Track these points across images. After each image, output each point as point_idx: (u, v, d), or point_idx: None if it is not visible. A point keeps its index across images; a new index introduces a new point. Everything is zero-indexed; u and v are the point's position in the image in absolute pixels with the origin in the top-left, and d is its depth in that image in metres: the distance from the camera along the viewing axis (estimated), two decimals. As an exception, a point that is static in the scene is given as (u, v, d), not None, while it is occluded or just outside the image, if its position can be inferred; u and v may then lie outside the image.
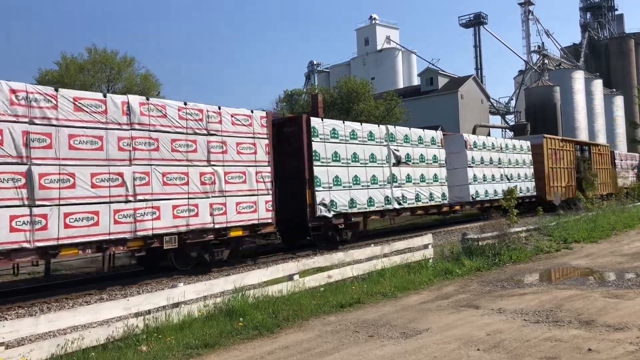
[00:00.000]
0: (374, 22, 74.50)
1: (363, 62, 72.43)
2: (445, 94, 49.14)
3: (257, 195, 14.66)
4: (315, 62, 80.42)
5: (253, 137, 14.81)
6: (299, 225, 16.92)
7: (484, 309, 8.62)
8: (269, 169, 15.11)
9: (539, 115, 52.70)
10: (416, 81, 64.14)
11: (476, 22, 67.85)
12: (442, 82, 50.86)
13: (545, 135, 31.56)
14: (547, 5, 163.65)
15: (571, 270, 12.29)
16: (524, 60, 67.69)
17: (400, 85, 67.20)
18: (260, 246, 18.85)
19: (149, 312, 7.97)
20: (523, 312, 8.26)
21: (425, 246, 13.34)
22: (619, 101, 68.15)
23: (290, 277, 10.06)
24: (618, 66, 75.61)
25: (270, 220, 15.06)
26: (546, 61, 61.89)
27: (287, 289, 9.72)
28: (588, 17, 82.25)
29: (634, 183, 40.04)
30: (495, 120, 61.09)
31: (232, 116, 14.30)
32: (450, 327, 7.67)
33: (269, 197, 15.03)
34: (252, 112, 14.93)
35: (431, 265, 12.45)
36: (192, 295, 8.56)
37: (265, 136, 15.15)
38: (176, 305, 8.17)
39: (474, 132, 40.91)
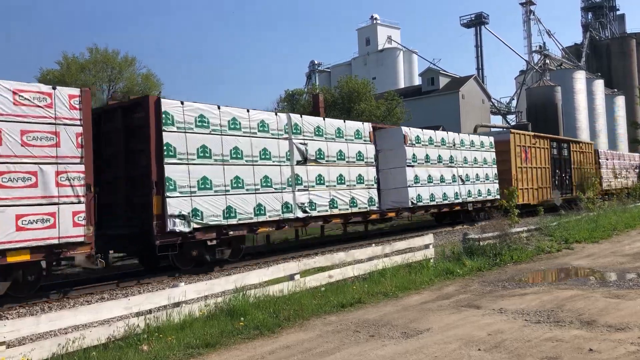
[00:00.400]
0: (375, 22, 74.50)
1: (364, 62, 72.43)
2: (447, 94, 49.13)
3: (59, 204, 10.68)
4: (316, 62, 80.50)
5: (54, 124, 10.81)
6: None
7: (485, 309, 8.62)
8: (81, 167, 11.05)
9: (540, 116, 52.64)
10: (417, 81, 64.15)
11: (477, 22, 67.87)
12: (443, 82, 50.86)
13: (513, 130, 28.62)
14: (549, 5, 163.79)
15: (572, 271, 12.28)
16: (525, 60, 67.72)
17: (401, 85, 67.20)
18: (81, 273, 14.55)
19: (149, 311, 7.97)
20: (524, 312, 8.26)
21: (426, 246, 13.33)
22: (620, 101, 68.13)
23: (291, 277, 10.06)
24: (619, 66, 75.57)
25: (81, 239, 10.91)
26: (547, 61, 61.88)
27: (288, 288, 9.72)
28: (589, 17, 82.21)
29: (635, 183, 39.06)
30: (497, 120, 61.17)
31: (14, 93, 10.30)
32: (451, 327, 7.66)
33: (81, 207, 10.98)
34: (54, 89, 10.96)
35: (432, 265, 12.45)
36: (193, 294, 8.56)
37: (76, 123, 11.09)
38: (177, 304, 8.17)
39: (475, 132, 40.76)
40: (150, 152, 12.64)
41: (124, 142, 13.65)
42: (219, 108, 14.06)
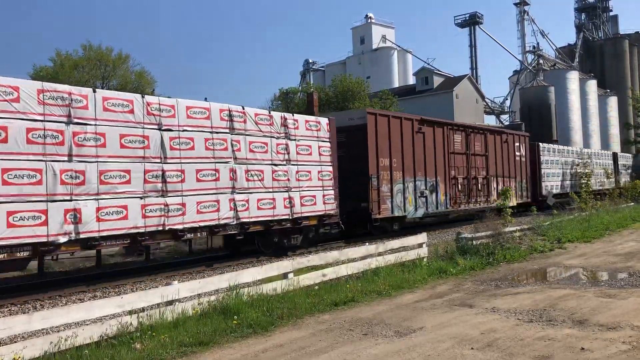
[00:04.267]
0: (369, 21, 74.52)
1: (359, 61, 72.43)
2: (440, 94, 49.27)
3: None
4: (310, 61, 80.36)
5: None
6: None
7: (478, 308, 8.65)
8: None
9: (533, 115, 52.75)
10: (411, 80, 64.28)
11: (472, 22, 67.93)
12: (437, 81, 51.00)
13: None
14: (543, 6, 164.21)
15: (565, 270, 12.34)
16: (519, 61, 67.90)
17: (396, 84, 67.27)
18: None
19: (142, 309, 7.94)
20: (517, 312, 8.29)
21: (420, 245, 13.37)
22: (613, 102, 68.42)
23: (285, 276, 10.06)
24: (612, 67, 75.86)
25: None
26: (541, 61, 62.04)
27: (282, 287, 9.72)
28: (583, 18, 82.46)
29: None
30: (490, 120, 61.32)
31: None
32: (444, 325, 7.68)
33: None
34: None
35: (426, 264, 12.49)
36: (186, 293, 8.54)
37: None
38: (170, 303, 8.15)
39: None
40: None
41: None
42: None
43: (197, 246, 16.33)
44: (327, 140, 16.82)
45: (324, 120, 16.91)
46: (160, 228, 12.12)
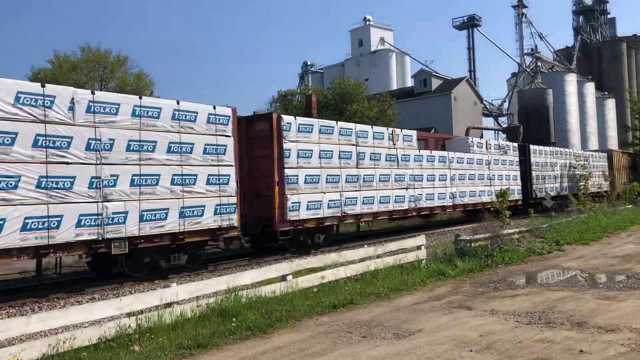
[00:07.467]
0: (368, 23, 74.54)
1: (357, 63, 72.45)
2: (439, 96, 49.24)
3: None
4: (309, 63, 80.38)
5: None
6: None
7: (477, 310, 8.65)
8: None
9: (531, 117, 52.93)
10: (410, 82, 64.25)
11: (470, 24, 68.03)
12: (435, 83, 50.98)
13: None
14: (541, 8, 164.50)
15: (563, 272, 12.35)
16: (517, 63, 68.03)
17: (394, 86, 67.29)
18: None
19: (141, 312, 7.94)
20: (515, 314, 8.29)
21: (419, 247, 13.37)
22: (610, 104, 68.63)
23: (283, 278, 10.05)
24: (610, 69, 76.07)
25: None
26: (539, 64, 62.11)
27: (281, 289, 9.71)
28: (581, 21, 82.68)
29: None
30: (489, 122, 61.30)
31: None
32: (443, 328, 7.68)
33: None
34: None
35: (424, 266, 12.48)
36: (184, 295, 8.54)
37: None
38: (169, 305, 8.14)
39: (467, 134, 40.86)
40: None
41: None
42: None
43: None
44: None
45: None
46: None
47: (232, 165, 13.99)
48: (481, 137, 44.83)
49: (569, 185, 33.47)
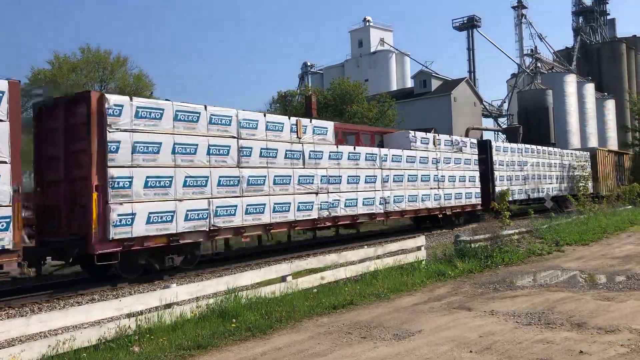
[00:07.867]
0: (368, 24, 74.55)
1: (357, 63, 72.47)
2: (439, 97, 49.27)
3: None
4: (309, 64, 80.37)
5: None
6: None
7: (477, 311, 8.64)
8: None
9: (531, 118, 52.97)
10: (409, 83, 64.28)
11: (470, 25, 68.01)
12: (435, 84, 51.01)
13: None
14: (540, 9, 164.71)
15: (563, 273, 12.35)
16: (517, 64, 68.04)
17: (394, 87, 67.31)
18: None
19: (141, 312, 7.94)
20: (515, 314, 8.29)
21: (418, 248, 13.37)
22: (610, 105, 68.67)
23: (283, 279, 10.05)
24: (610, 70, 76.13)
25: None
26: (539, 64, 62.14)
27: (280, 290, 9.71)
28: (580, 22, 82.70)
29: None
30: (488, 122, 61.32)
31: None
32: (442, 328, 7.68)
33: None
34: None
35: (424, 266, 12.48)
36: (184, 296, 8.53)
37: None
38: (169, 306, 8.14)
39: (466, 135, 40.79)
40: None
41: None
42: None
43: None
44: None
45: None
46: None
47: (4, 162, 9.98)
48: (481, 137, 44.85)
49: (537, 187, 30.43)
